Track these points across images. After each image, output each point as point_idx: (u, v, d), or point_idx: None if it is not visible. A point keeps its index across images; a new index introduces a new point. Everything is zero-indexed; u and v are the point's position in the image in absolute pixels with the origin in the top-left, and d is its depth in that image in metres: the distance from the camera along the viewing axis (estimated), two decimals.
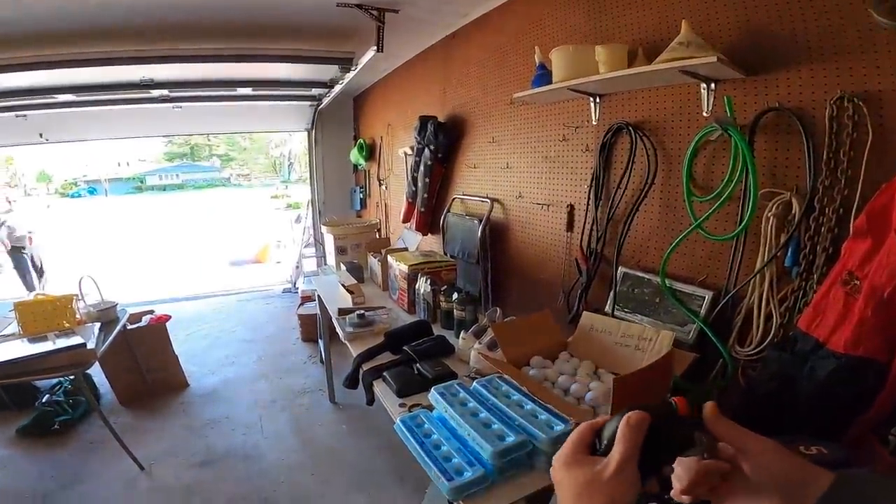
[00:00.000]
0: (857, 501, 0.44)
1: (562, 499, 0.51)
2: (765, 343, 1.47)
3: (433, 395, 1.36)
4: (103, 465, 2.52)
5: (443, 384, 1.41)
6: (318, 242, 5.97)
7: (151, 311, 3.62)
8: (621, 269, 1.89)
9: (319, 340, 3.59)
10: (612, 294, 1.90)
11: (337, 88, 4.10)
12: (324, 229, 3.92)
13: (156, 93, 3.90)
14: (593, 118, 2.01)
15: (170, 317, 3.56)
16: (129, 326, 3.24)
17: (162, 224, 16.12)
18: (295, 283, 6.17)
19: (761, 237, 1.42)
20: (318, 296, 3.17)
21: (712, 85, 1.55)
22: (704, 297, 1.61)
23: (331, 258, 3.98)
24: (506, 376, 1.42)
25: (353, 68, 3.37)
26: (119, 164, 31.21)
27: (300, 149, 26.03)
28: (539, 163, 2.37)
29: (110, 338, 2.69)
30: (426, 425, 1.32)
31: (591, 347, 1.56)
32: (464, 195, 3.08)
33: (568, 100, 2.11)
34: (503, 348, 1.52)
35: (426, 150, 3.21)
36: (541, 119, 2.34)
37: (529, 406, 1.27)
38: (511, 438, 1.15)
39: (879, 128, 1.17)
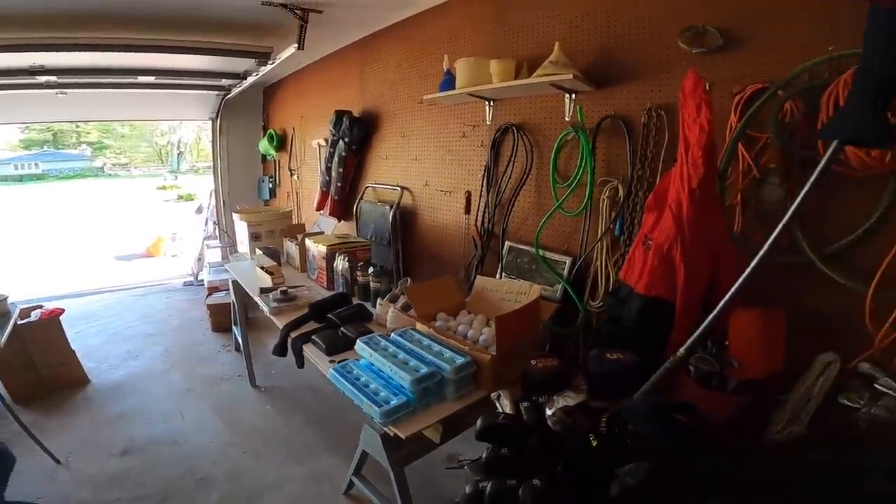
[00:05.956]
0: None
1: None
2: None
3: (359, 345, 1.67)
4: None
5: (366, 336, 1.73)
6: (224, 232, 5.84)
7: (40, 307, 3.41)
8: (507, 243, 2.34)
9: (234, 327, 3.64)
10: (501, 264, 2.35)
11: (250, 80, 4.10)
12: (235, 217, 3.95)
13: (42, 79, 3.59)
14: (488, 119, 2.43)
15: (63, 310, 3.40)
16: (20, 322, 3.07)
17: (26, 217, 13.95)
18: (198, 276, 5.97)
19: (600, 214, 1.93)
20: (234, 281, 3.26)
21: (573, 95, 2.03)
22: (566, 262, 2.10)
23: (243, 246, 4.03)
24: (418, 327, 1.77)
25: (270, 62, 3.45)
26: None
27: (192, 137, 23.88)
28: (443, 155, 2.76)
29: (6, 332, 2.57)
30: (355, 371, 1.62)
31: (483, 304, 1.97)
32: (376, 184, 3.38)
33: (468, 103, 2.50)
34: (415, 307, 1.87)
35: (341, 142, 3.44)
36: (445, 118, 2.72)
37: (437, 348, 1.62)
38: (424, 370, 1.49)
39: (672, 131, 1.69)
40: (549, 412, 1.20)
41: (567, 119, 2.06)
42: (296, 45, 2.83)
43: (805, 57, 1.36)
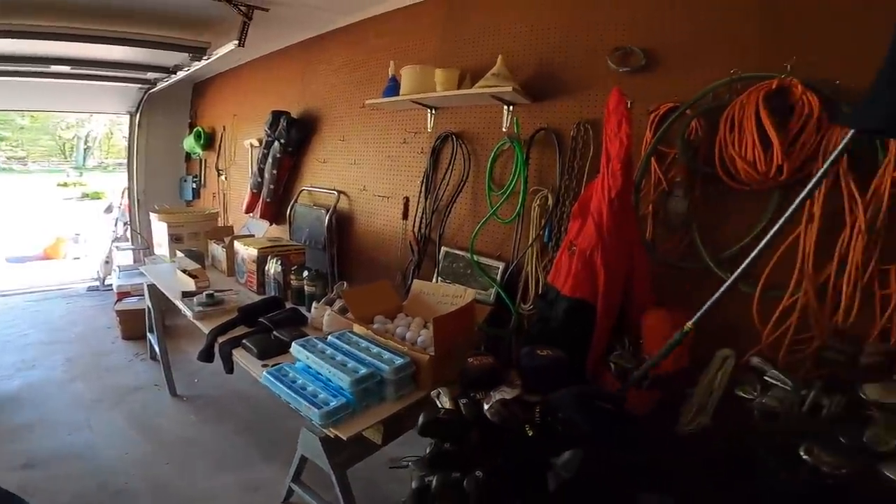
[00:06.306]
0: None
1: None
2: None
3: (294, 347, 1.63)
4: None
5: (302, 339, 1.69)
6: (137, 233, 5.42)
7: None
8: (444, 249, 2.41)
9: (150, 334, 3.38)
10: (437, 269, 2.40)
11: (180, 75, 3.86)
12: (153, 217, 3.68)
13: None
14: (429, 126, 2.48)
15: None
16: None
17: None
18: (104, 280, 5.48)
19: (531, 221, 2.05)
20: (150, 285, 3.03)
21: (511, 107, 2.14)
22: (499, 267, 2.20)
23: (161, 248, 3.77)
24: (356, 330, 1.77)
25: (206, 58, 3.27)
26: None
27: (103, 131, 21.68)
28: (383, 161, 2.78)
29: None
30: (291, 374, 1.58)
31: (421, 307, 2.01)
32: (312, 187, 3.32)
33: (411, 109, 2.54)
34: (352, 310, 1.86)
35: (276, 144, 3.34)
36: (387, 124, 2.75)
37: (376, 350, 1.63)
38: (363, 370, 1.49)
39: (597, 144, 1.84)
40: (486, 406, 1.26)
41: (504, 130, 2.16)
42: (236, 42, 2.71)
43: (712, 78, 1.55)
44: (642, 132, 1.69)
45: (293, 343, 1.65)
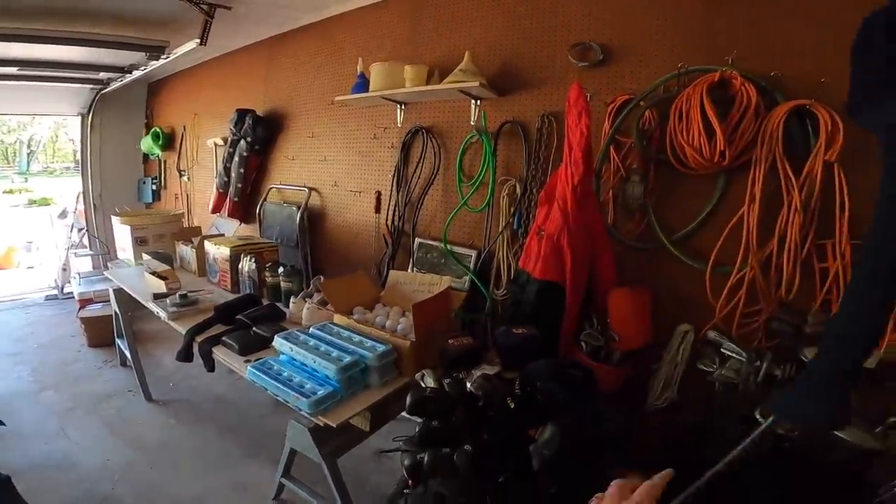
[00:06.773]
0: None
1: None
2: None
3: (277, 341, 1.67)
4: None
5: (284, 332, 1.73)
6: (96, 238, 5.23)
7: None
8: (417, 240, 2.47)
9: (119, 340, 3.30)
10: (412, 260, 2.47)
11: (136, 74, 3.74)
12: (115, 221, 3.58)
13: None
14: (399, 121, 2.53)
15: None
16: None
17: None
18: (62, 288, 5.28)
19: (501, 210, 2.14)
20: (116, 290, 2.96)
21: (478, 101, 2.22)
22: (472, 255, 2.28)
23: (125, 252, 3.68)
24: (336, 320, 1.82)
25: (164, 57, 3.19)
26: None
27: (48, 134, 20.46)
28: (353, 156, 2.81)
29: None
30: (276, 367, 1.62)
31: (398, 296, 2.07)
32: (281, 184, 3.30)
33: (380, 105, 2.58)
34: (331, 301, 1.91)
35: (242, 142, 3.31)
36: (357, 120, 2.78)
37: (358, 338, 1.68)
38: (348, 358, 1.54)
39: (560, 135, 1.94)
40: (469, 383, 1.34)
41: (472, 123, 2.24)
42: (197, 41, 2.67)
43: (662, 72, 1.67)
44: (601, 123, 1.80)
45: (276, 336, 1.68)
